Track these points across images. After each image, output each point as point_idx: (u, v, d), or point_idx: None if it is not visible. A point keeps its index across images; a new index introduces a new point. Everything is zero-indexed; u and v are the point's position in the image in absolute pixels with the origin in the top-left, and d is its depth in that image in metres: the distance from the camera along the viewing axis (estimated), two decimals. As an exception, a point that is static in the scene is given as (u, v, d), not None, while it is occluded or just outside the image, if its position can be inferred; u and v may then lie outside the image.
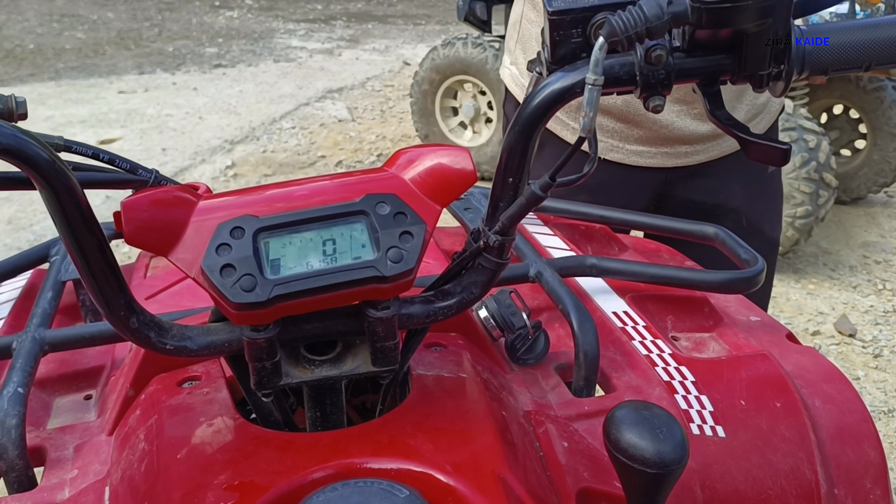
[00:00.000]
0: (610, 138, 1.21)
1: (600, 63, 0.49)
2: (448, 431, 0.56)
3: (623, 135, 1.20)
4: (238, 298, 0.49)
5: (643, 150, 1.20)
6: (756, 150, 0.52)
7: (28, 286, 0.95)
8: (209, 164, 4.66)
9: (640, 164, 1.21)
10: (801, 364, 0.77)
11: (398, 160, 0.56)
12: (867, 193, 3.97)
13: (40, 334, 0.73)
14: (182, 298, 0.89)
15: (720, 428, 0.69)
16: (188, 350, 0.54)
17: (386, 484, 0.47)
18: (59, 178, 0.46)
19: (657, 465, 0.51)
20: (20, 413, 0.64)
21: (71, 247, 0.48)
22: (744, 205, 1.25)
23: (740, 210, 1.24)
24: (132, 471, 0.58)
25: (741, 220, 1.24)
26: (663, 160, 1.21)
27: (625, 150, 1.21)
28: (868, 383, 2.63)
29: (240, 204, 0.52)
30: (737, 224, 1.22)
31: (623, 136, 1.20)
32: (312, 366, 0.56)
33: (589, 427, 0.67)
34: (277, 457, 0.54)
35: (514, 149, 0.55)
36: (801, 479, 0.68)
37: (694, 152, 1.21)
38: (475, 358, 0.68)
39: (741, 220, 1.24)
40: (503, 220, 0.55)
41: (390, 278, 0.51)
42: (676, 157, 1.21)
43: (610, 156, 1.22)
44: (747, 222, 1.24)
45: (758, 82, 0.52)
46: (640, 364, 0.75)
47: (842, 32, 0.52)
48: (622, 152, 1.21)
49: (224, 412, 0.60)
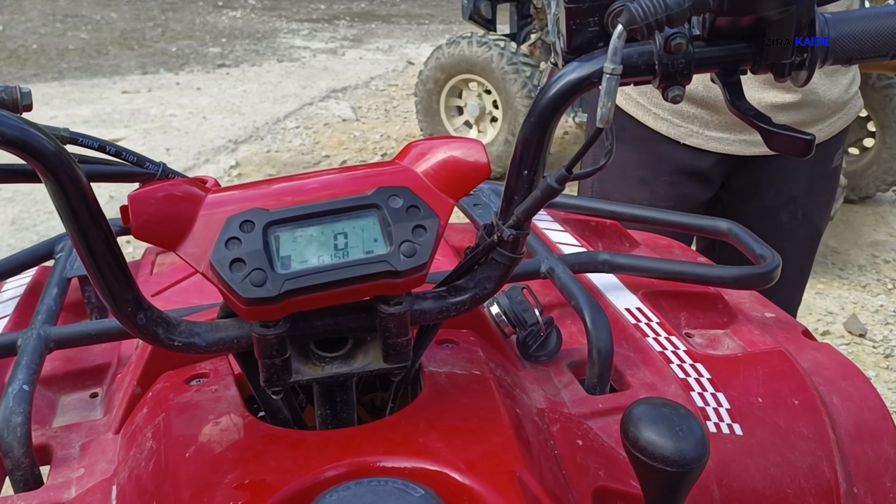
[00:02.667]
0: (690, 124, 1.23)
1: (619, 52, 0.47)
2: (462, 429, 0.55)
3: (703, 121, 1.22)
4: (248, 293, 0.48)
5: (722, 137, 1.22)
6: (779, 141, 0.51)
7: (33, 283, 0.94)
8: (213, 164, 4.65)
9: (718, 150, 1.23)
10: (818, 361, 0.76)
11: (410, 153, 0.55)
12: (876, 192, 3.94)
13: (46, 331, 0.72)
14: (189, 295, 0.88)
15: (737, 426, 0.68)
16: (197, 347, 0.53)
17: (400, 483, 0.46)
18: (65, 171, 0.45)
19: (677, 463, 0.50)
20: (26, 411, 0.63)
21: (77, 241, 0.47)
22: (802, 196, 1.26)
23: (798, 201, 1.26)
24: (140, 470, 0.57)
25: (797, 212, 1.26)
26: (742, 148, 1.22)
27: (704, 136, 1.22)
28: (879, 383, 2.61)
29: (249, 197, 0.51)
30: (792, 214, 1.25)
31: (703, 122, 1.22)
32: (323, 362, 0.55)
33: (603, 425, 0.66)
34: (288, 455, 0.53)
35: (529, 140, 0.53)
36: (820, 477, 0.66)
37: None
38: (487, 355, 0.67)
39: (797, 212, 1.26)
40: (518, 213, 0.54)
41: (403, 273, 0.50)
42: (755, 146, 1.22)
43: (689, 141, 1.24)
44: (802, 214, 1.26)
45: (780, 72, 0.51)
46: (654, 361, 0.74)
47: (865, 20, 0.51)
48: (702, 138, 1.23)
49: (233, 410, 0.59)
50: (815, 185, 1.28)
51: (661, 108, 1.24)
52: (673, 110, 1.22)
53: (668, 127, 1.23)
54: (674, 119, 1.23)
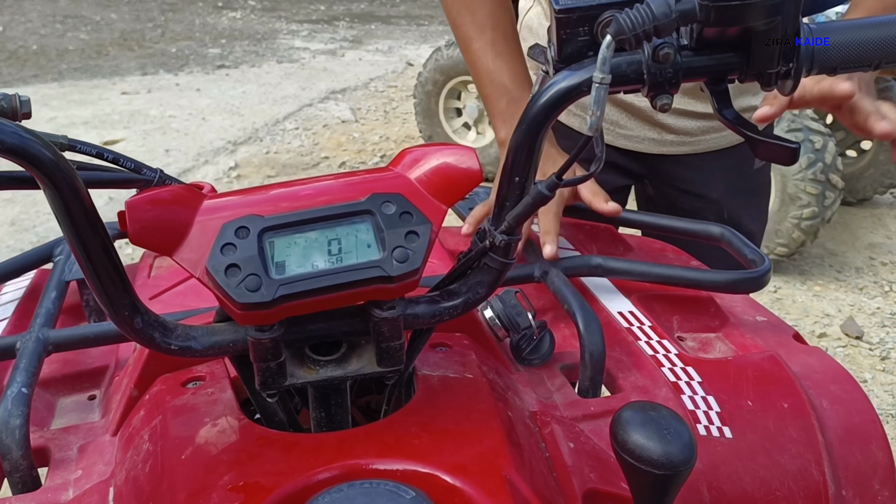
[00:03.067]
0: None
1: (608, 61, 0.48)
2: (454, 432, 0.56)
3: (613, 119, 1.26)
4: (243, 298, 0.48)
5: (632, 136, 1.26)
6: (764, 149, 0.52)
7: (32, 286, 0.95)
8: (212, 166, 4.66)
9: (628, 147, 1.27)
10: (809, 364, 0.76)
11: (403, 159, 0.56)
12: (873, 195, 3.96)
13: (44, 334, 0.73)
14: (186, 298, 0.88)
15: (727, 429, 0.69)
16: (193, 350, 0.53)
17: (392, 485, 0.47)
18: (64, 178, 0.46)
19: (665, 466, 0.51)
20: (24, 413, 0.64)
21: (75, 246, 0.48)
22: (723, 198, 1.29)
23: (720, 202, 1.29)
24: (136, 471, 0.58)
25: (722, 213, 1.29)
26: (650, 146, 1.26)
27: (615, 133, 1.27)
28: (875, 386, 2.62)
29: (245, 203, 0.52)
30: (717, 215, 1.28)
31: (613, 121, 1.26)
32: (317, 366, 0.56)
33: (595, 428, 0.67)
34: (282, 457, 0.53)
35: (520, 147, 0.54)
36: (809, 480, 0.67)
37: (680, 143, 1.25)
38: (480, 358, 0.68)
39: (722, 213, 1.29)
40: (509, 219, 0.55)
41: (396, 278, 0.50)
42: (662, 146, 1.26)
43: None
44: (728, 215, 1.29)
45: (766, 81, 0.52)
46: (646, 364, 0.75)
47: (850, 31, 0.52)
48: (612, 135, 1.27)
49: (228, 413, 0.60)
50: (735, 188, 1.30)
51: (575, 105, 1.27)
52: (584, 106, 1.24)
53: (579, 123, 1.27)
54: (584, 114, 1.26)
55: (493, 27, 1.08)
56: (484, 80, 1.08)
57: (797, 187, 3.09)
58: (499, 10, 1.09)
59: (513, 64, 1.08)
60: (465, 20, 1.07)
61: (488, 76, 1.07)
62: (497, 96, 1.06)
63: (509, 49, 1.08)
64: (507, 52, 1.07)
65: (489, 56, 1.06)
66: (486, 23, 1.07)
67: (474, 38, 1.07)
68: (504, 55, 1.07)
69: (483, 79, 1.08)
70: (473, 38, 1.07)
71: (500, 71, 1.06)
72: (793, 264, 3.38)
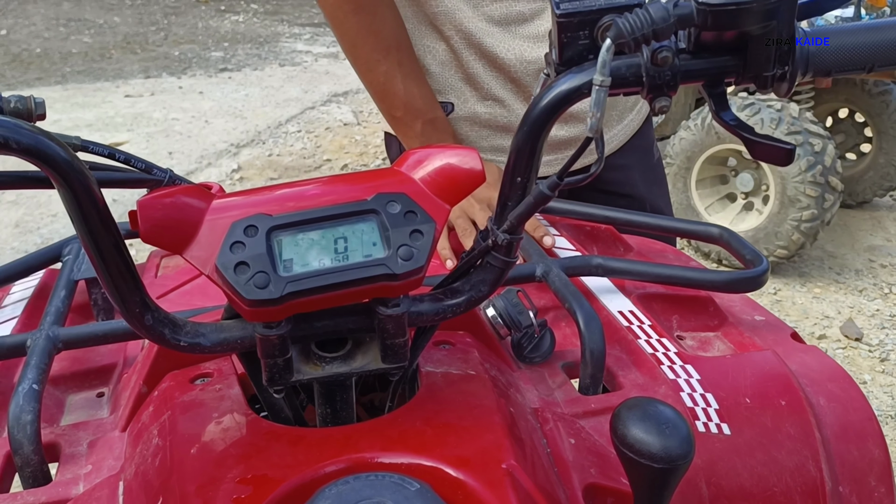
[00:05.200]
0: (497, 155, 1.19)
1: (607, 64, 0.50)
2: (457, 427, 0.57)
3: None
4: (252, 295, 0.50)
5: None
6: (760, 150, 0.53)
7: (41, 285, 0.96)
8: (215, 168, 4.68)
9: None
10: (806, 363, 0.77)
11: (407, 160, 0.57)
12: (873, 197, 3.96)
13: (54, 332, 0.74)
14: (192, 297, 0.90)
15: (725, 426, 0.70)
16: (202, 347, 0.55)
17: (397, 478, 0.48)
18: (78, 178, 0.47)
19: (664, 460, 0.52)
20: (35, 409, 0.65)
21: (88, 244, 0.49)
22: (645, 193, 1.29)
23: (644, 198, 1.29)
24: (146, 466, 0.59)
25: (646, 207, 1.28)
26: None
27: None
28: (875, 387, 2.62)
29: (253, 203, 0.53)
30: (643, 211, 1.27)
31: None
32: (323, 362, 0.57)
33: (595, 424, 0.68)
34: (290, 451, 0.55)
35: (522, 149, 0.56)
36: (806, 476, 0.68)
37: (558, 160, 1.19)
38: (483, 356, 0.69)
39: (646, 207, 1.28)
40: (511, 218, 0.56)
41: (401, 276, 0.52)
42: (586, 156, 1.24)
43: None
44: (651, 208, 1.29)
45: (762, 83, 0.53)
46: (645, 362, 0.76)
47: (844, 34, 0.53)
48: None
49: (236, 408, 0.61)
50: (648, 180, 1.31)
51: None
52: None
53: None
54: None
55: (398, 47, 1.03)
56: (395, 104, 1.04)
57: (797, 190, 3.10)
58: (400, 29, 1.04)
59: (421, 84, 1.04)
60: (367, 42, 1.02)
61: (399, 100, 1.03)
62: (411, 119, 1.03)
63: (415, 68, 1.05)
64: (414, 72, 1.04)
65: (398, 78, 1.03)
66: (391, 43, 1.03)
67: (380, 60, 1.02)
68: (412, 76, 1.04)
69: (394, 103, 1.04)
70: (379, 60, 1.02)
71: (411, 94, 1.03)
72: (792, 266, 3.38)
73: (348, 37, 1.02)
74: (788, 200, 3.13)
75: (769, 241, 3.20)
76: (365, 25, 1.00)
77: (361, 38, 1.01)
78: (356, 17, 1.00)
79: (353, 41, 1.02)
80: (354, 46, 1.02)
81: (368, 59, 1.02)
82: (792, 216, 3.13)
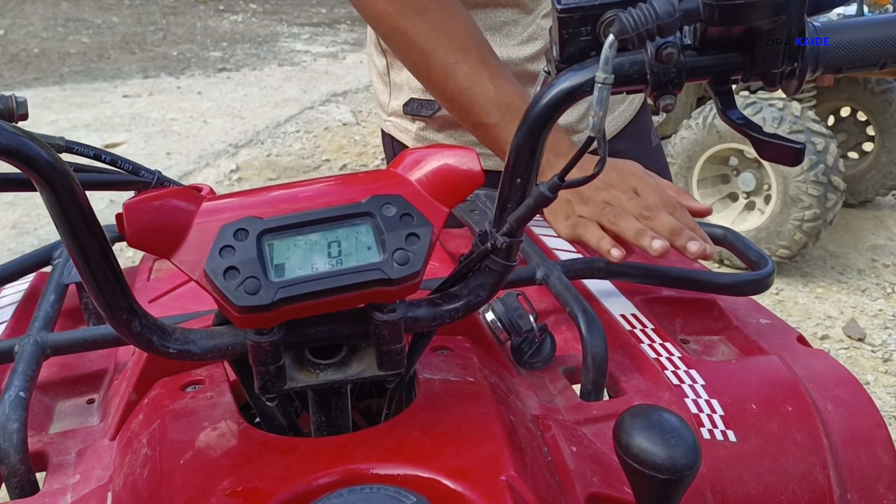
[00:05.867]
0: None
1: (610, 61, 0.48)
2: (455, 436, 0.55)
3: None
4: (242, 301, 0.48)
5: None
6: (769, 149, 0.51)
7: (31, 289, 0.94)
8: (213, 168, 4.67)
9: None
10: (813, 367, 0.76)
11: (404, 161, 0.55)
12: (875, 196, 3.96)
13: (42, 338, 0.72)
14: (186, 301, 0.88)
15: (731, 432, 0.68)
16: (191, 354, 0.53)
17: (392, 490, 0.47)
18: (61, 180, 0.45)
19: (669, 470, 0.50)
20: (22, 417, 0.63)
21: (72, 249, 0.48)
22: None
23: None
24: (135, 476, 0.58)
25: None
26: None
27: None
28: (878, 388, 2.61)
29: (243, 205, 0.51)
30: None
31: None
32: (317, 370, 0.55)
33: (598, 431, 0.66)
34: (282, 462, 0.53)
35: (522, 149, 0.54)
36: (814, 484, 0.67)
37: None
38: (482, 361, 0.67)
39: None
40: (511, 221, 0.55)
41: (396, 281, 0.50)
42: None
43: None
44: None
45: (770, 81, 0.51)
46: (649, 367, 0.74)
47: (855, 30, 0.51)
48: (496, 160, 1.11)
49: (228, 417, 0.59)
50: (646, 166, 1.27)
51: None
52: None
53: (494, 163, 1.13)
54: None
55: (476, 44, 0.91)
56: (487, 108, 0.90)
57: (799, 189, 3.09)
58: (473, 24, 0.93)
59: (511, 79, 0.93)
60: (441, 45, 0.89)
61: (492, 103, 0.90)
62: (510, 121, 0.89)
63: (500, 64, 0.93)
64: (500, 69, 0.92)
65: (484, 77, 0.90)
66: (469, 41, 0.91)
67: (459, 61, 0.89)
68: (499, 73, 0.91)
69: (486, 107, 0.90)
70: (458, 61, 0.89)
71: (504, 91, 0.90)
72: (795, 266, 3.37)
73: (416, 45, 0.90)
74: (790, 200, 3.12)
75: (771, 241, 3.19)
76: (434, 27, 0.89)
77: (433, 41, 0.89)
78: (422, 20, 0.89)
79: (423, 48, 0.90)
80: (425, 54, 0.91)
81: (445, 64, 0.90)
82: (794, 216, 3.12)
